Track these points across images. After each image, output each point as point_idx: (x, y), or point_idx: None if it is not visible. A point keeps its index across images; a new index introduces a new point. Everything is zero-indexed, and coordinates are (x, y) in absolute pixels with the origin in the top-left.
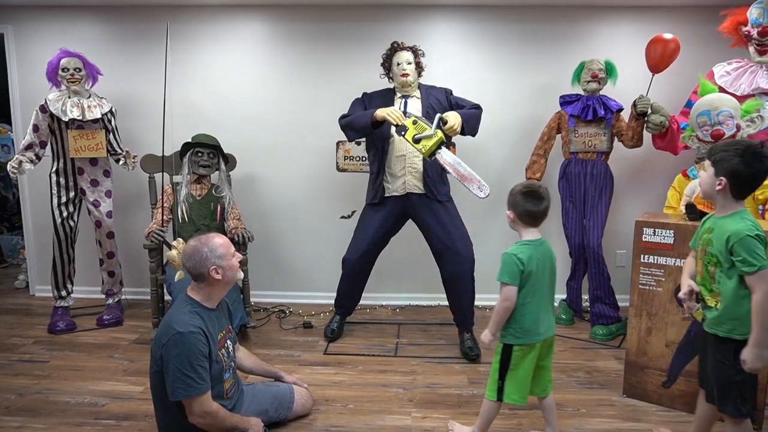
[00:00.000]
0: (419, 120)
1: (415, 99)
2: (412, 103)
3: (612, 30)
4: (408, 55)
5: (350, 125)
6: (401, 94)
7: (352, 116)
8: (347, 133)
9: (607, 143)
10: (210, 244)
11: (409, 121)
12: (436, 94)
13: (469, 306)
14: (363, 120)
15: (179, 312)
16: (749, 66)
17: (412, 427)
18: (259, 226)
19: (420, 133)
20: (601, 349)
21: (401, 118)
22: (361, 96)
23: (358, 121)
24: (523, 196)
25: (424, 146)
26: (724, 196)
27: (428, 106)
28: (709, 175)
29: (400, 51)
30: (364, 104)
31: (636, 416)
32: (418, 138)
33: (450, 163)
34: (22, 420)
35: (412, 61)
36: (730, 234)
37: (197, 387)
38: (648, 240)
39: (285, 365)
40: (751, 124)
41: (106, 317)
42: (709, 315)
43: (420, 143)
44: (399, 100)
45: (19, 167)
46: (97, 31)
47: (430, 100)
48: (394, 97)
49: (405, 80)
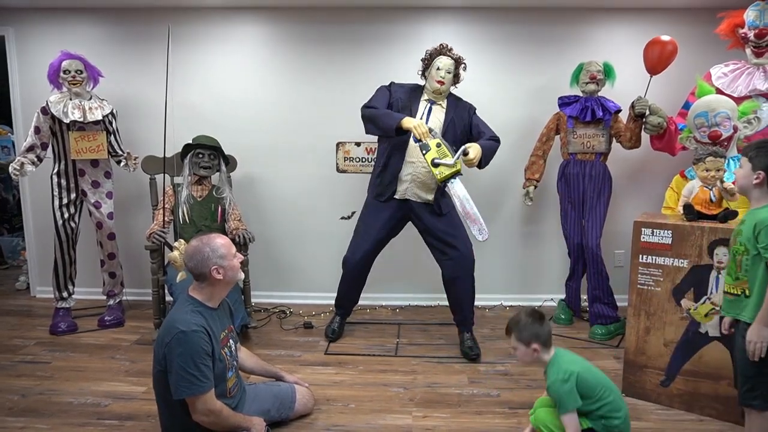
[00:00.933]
0: (443, 144)
1: (440, 108)
2: (436, 112)
3: (610, 32)
4: (450, 63)
5: (373, 120)
6: (429, 98)
7: (377, 111)
8: (367, 125)
9: (606, 144)
10: (212, 244)
11: (434, 142)
12: (461, 110)
13: (469, 306)
14: (388, 121)
15: (182, 311)
16: (746, 68)
17: (413, 426)
18: (259, 227)
19: (440, 158)
20: (600, 349)
21: (427, 135)
22: (388, 85)
23: (382, 120)
24: (532, 319)
25: (441, 172)
26: (761, 189)
27: (450, 121)
28: (746, 170)
29: (445, 56)
30: (389, 93)
31: (635, 415)
32: (437, 163)
33: (459, 197)
34: (26, 420)
35: (452, 71)
36: (758, 221)
37: (201, 385)
38: (646, 240)
39: (286, 365)
40: (748, 125)
41: (107, 318)
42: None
43: (438, 168)
44: (425, 103)
45: (20, 169)
46: (97, 34)
47: (455, 114)
48: (421, 98)
49: (439, 87)
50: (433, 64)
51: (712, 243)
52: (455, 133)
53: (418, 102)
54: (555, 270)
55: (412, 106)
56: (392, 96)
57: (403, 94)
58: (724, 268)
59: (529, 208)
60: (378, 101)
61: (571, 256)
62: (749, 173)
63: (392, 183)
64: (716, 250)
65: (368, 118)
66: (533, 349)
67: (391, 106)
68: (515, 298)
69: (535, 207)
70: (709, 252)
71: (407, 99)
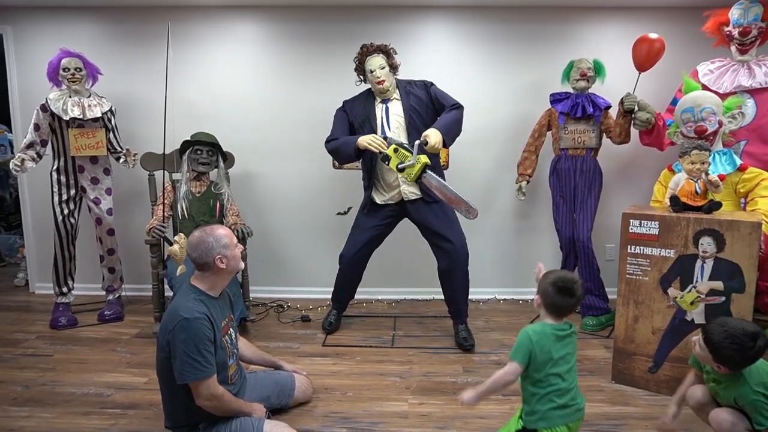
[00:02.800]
0: (400, 147)
1: (396, 101)
2: (393, 107)
3: (600, 30)
4: (379, 59)
5: (336, 153)
6: (380, 98)
7: (336, 144)
8: (334, 158)
9: (596, 140)
10: (215, 235)
11: (390, 149)
12: (416, 91)
13: (463, 297)
14: (347, 149)
15: (184, 299)
16: (731, 65)
17: (409, 413)
18: (257, 222)
19: (402, 161)
20: (591, 339)
21: (383, 146)
22: (342, 106)
23: (343, 150)
24: (555, 289)
25: (409, 174)
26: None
27: (410, 108)
28: (705, 354)
29: (370, 56)
30: (346, 115)
31: (624, 400)
32: (402, 167)
33: (436, 187)
34: (30, 410)
35: (385, 65)
36: (736, 396)
37: (204, 370)
38: (634, 231)
39: (285, 356)
40: (732, 120)
41: (107, 312)
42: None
43: (404, 172)
44: (380, 105)
45: (21, 165)
46: (96, 32)
47: (411, 100)
48: (375, 101)
49: (381, 87)
50: (366, 69)
51: (697, 233)
52: (421, 117)
53: (373, 107)
54: (547, 263)
55: (370, 115)
56: (349, 115)
57: (358, 107)
58: (709, 257)
59: (522, 203)
60: (337, 130)
61: (563, 249)
62: (711, 362)
63: (383, 194)
64: (701, 240)
65: (332, 151)
66: (537, 300)
67: (351, 124)
68: (508, 291)
69: (528, 202)
70: (694, 242)
71: (363, 109)
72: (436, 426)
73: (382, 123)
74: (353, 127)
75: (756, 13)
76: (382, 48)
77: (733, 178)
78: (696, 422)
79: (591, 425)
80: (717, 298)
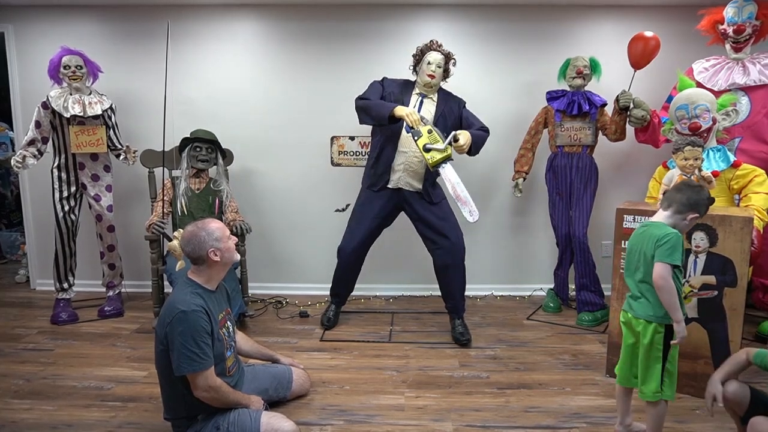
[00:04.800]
0: (434, 131)
1: (431, 101)
2: (427, 105)
3: (596, 28)
4: (441, 58)
5: (367, 110)
6: (420, 92)
7: (371, 102)
8: (361, 115)
9: (592, 137)
10: (207, 229)
11: (425, 128)
12: (452, 103)
13: (460, 293)
14: (381, 110)
15: (182, 293)
16: (726, 62)
17: (405, 406)
18: (255, 219)
19: (432, 143)
20: (586, 334)
21: (418, 123)
22: (381, 80)
23: (375, 109)
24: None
25: (432, 157)
26: None
27: (442, 113)
28: None
29: (435, 51)
30: (381, 88)
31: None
32: (429, 148)
33: (451, 181)
34: (31, 403)
35: (442, 66)
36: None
37: (201, 362)
38: (628, 227)
39: (283, 351)
40: (726, 117)
41: (107, 308)
42: None
43: (429, 153)
44: (416, 96)
45: (23, 162)
46: (96, 30)
47: (445, 107)
48: (413, 91)
49: (429, 81)
50: (423, 59)
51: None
52: (446, 126)
53: (409, 95)
54: (544, 260)
55: (404, 99)
56: (385, 90)
57: (396, 88)
58: (702, 252)
59: (519, 200)
60: (371, 94)
61: (559, 245)
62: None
63: (385, 173)
64: (694, 235)
65: (362, 108)
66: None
67: (383, 98)
68: (505, 288)
69: (524, 198)
70: (687, 237)
71: (399, 92)
72: (432, 418)
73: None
74: (384, 100)
75: (750, 11)
76: (447, 52)
77: (727, 175)
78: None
79: (585, 417)
80: (710, 293)
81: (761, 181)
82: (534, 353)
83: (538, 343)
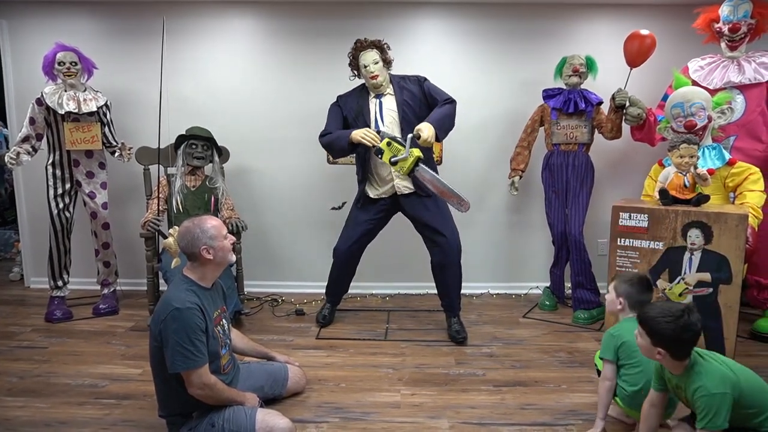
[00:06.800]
0: (393, 141)
1: (389, 96)
2: (387, 102)
3: (592, 27)
4: (373, 54)
5: (330, 147)
6: (374, 93)
7: (331, 137)
8: (329, 152)
9: (588, 135)
10: (202, 226)
11: (384, 143)
12: (409, 86)
13: (456, 291)
14: (341, 143)
15: (176, 290)
16: (721, 61)
17: (401, 403)
18: (251, 217)
19: (395, 154)
20: (582, 332)
21: (376, 140)
22: (336, 101)
23: (337, 144)
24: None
25: (401, 167)
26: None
27: (403, 103)
28: (645, 341)
29: (364, 51)
30: (340, 109)
31: None
32: (395, 161)
33: (429, 180)
34: (25, 400)
35: (379, 60)
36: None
37: (195, 359)
38: (624, 224)
39: (278, 349)
40: (721, 115)
41: (102, 306)
42: None
43: (397, 165)
44: (373, 100)
45: (17, 158)
46: (91, 26)
47: (404, 95)
48: (369, 96)
49: (375, 82)
50: (359, 64)
51: (685, 226)
52: (414, 111)
53: (367, 102)
54: (540, 258)
55: (363, 110)
56: (343, 110)
57: (353, 102)
58: (697, 249)
59: (515, 198)
60: (331, 124)
61: (555, 243)
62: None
63: (377, 188)
64: (689, 233)
65: (325, 146)
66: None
67: (345, 118)
68: (501, 286)
69: (520, 197)
70: (682, 234)
71: (357, 106)
72: (428, 415)
73: (376, 118)
74: (347, 121)
75: (745, 9)
76: (375, 43)
77: (722, 173)
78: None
79: (581, 415)
80: (705, 290)
81: (756, 179)
82: (530, 351)
83: (533, 340)
